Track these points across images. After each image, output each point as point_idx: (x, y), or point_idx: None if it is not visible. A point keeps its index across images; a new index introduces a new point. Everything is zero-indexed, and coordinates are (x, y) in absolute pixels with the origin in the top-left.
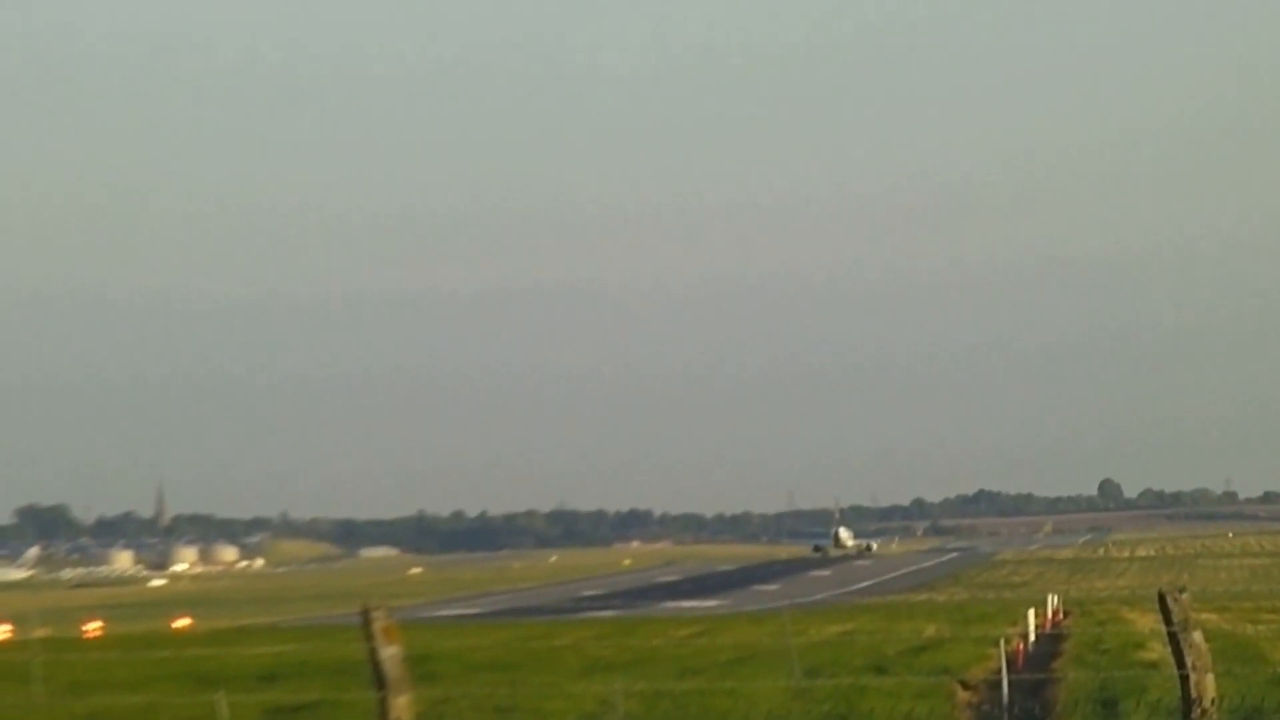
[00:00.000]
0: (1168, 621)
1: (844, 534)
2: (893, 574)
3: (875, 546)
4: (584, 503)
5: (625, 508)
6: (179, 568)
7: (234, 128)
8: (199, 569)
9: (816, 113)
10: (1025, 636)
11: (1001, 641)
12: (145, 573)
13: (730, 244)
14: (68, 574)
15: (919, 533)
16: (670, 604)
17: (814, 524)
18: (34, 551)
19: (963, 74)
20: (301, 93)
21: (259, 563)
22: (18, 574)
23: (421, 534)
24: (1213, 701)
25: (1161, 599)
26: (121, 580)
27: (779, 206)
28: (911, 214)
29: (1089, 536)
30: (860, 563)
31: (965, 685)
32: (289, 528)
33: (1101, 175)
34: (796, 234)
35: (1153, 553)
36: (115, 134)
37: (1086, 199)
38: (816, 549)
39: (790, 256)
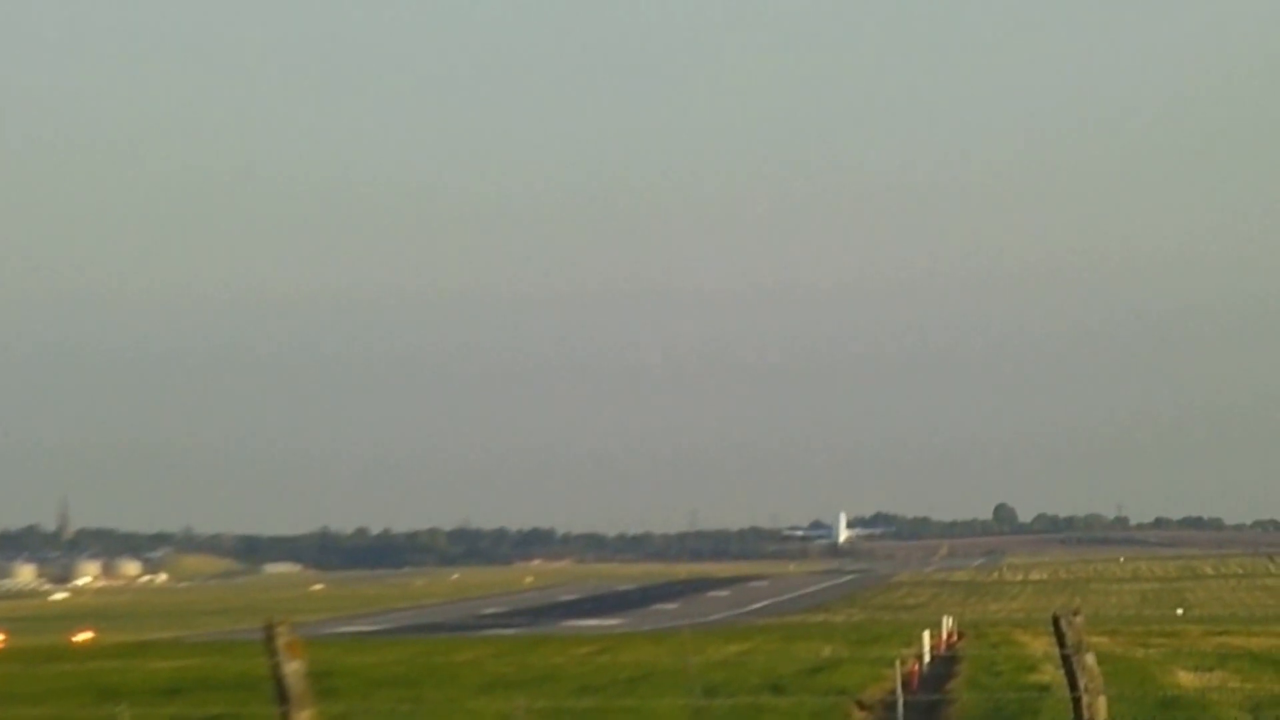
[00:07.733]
0: (1061, 644)
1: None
2: (790, 595)
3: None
4: (486, 521)
5: (528, 526)
6: (81, 581)
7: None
8: (101, 583)
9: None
10: (920, 658)
11: (897, 663)
12: (47, 586)
13: (639, 254)
14: None
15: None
16: (571, 622)
17: (715, 544)
18: None
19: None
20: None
21: (162, 577)
22: None
23: (324, 550)
24: None
25: (1056, 622)
26: (23, 593)
27: (692, 215)
28: (819, 223)
29: (984, 560)
30: (757, 584)
31: (861, 705)
32: (192, 543)
33: (1003, 189)
34: (712, 243)
35: (1046, 577)
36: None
37: (992, 211)
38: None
39: (696, 268)
